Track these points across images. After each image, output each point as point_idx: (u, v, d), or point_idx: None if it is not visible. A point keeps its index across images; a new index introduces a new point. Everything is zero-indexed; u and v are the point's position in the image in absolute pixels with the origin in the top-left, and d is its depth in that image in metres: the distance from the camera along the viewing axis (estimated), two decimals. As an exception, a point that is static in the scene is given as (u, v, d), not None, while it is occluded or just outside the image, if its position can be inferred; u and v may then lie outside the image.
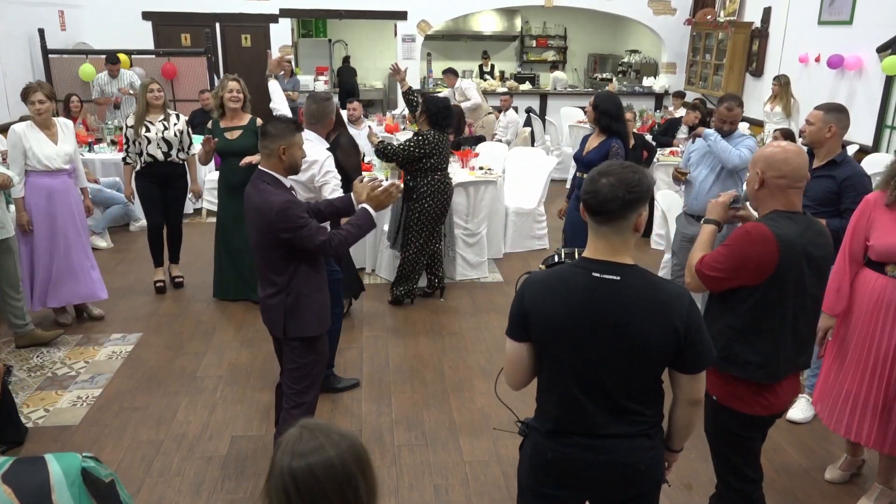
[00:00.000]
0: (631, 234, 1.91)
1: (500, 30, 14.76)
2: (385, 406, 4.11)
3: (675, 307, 1.88)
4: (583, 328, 1.89)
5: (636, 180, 1.86)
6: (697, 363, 1.95)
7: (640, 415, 1.96)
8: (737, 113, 4.46)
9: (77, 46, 9.80)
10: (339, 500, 1.25)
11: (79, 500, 1.27)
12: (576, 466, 2.00)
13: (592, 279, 1.89)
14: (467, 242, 6.13)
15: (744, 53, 10.21)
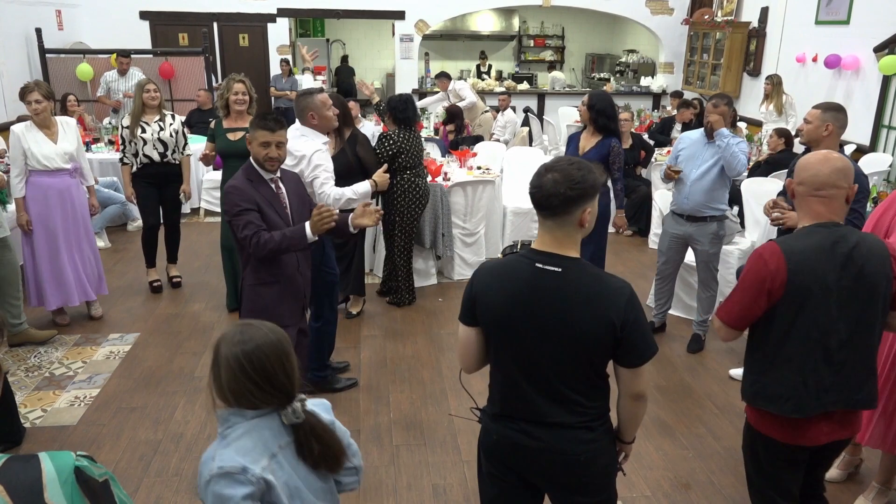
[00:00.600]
0: (575, 229, 1.95)
1: (498, 29, 14.77)
2: (383, 406, 4.11)
3: (612, 301, 1.91)
4: (523, 316, 1.96)
5: (580, 177, 1.89)
6: (634, 357, 1.97)
7: (580, 405, 2.00)
8: (723, 110, 4.43)
9: (74, 46, 9.79)
10: (280, 369, 1.69)
11: (71, 499, 1.26)
12: (518, 451, 2.06)
13: (535, 269, 1.96)
14: (465, 242, 6.13)
15: (741, 53, 10.22)
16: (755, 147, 7.60)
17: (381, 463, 3.57)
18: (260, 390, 1.67)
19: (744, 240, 5.70)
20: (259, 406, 1.70)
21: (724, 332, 2.39)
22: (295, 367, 1.74)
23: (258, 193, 3.08)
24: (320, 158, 3.74)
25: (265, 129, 3.04)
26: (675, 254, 4.78)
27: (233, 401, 1.70)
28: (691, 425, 3.94)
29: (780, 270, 2.18)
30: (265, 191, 3.12)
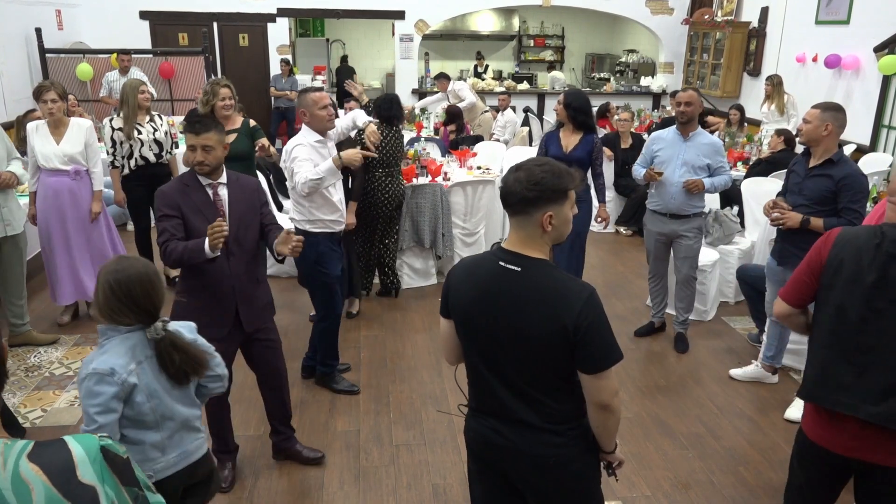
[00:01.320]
0: (537, 230, 1.91)
1: (498, 29, 14.76)
2: (383, 405, 4.11)
3: (567, 303, 1.86)
4: (484, 313, 1.96)
5: (539, 178, 1.86)
6: (591, 363, 1.89)
7: (546, 406, 1.97)
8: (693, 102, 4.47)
9: (74, 46, 9.79)
10: (144, 295, 2.08)
11: (101, 477, 1.30)
12: (491, 449, 2.06)
13: (498, 267, 1.95)
14: (465, 242, 6.13)
15: (741, 53, 10.22)
16: (755, 147, 7.60)
17: (381, 463, 3.57)
18: (127, 309, 2.08)
19: (744, 240, 5.70)
20: (128, 323, 2.10)
21: (778, 307, 2.41)
22: (160, 296, 2.14)
23: (188, 199, 2.95)
24: (297, 151, 3.76)
25: (190, 132, 2.94)
26: (662, 252, 4.79)
27: (108, 317, 2.09)
28: (691, 425, 3.94)
29: (827, 244, 2.25)
30: (198, 197, 2.98)
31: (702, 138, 4.52)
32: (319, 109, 3.77)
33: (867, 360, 2.15)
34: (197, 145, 2.94)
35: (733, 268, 5.30)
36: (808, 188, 3.80)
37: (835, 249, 2.22)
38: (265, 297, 3.25)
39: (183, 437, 2.22)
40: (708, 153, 4.48)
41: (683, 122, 4.49)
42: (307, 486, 3.38)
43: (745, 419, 4.03)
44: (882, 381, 2.13)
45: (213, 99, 4.70)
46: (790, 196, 3.91)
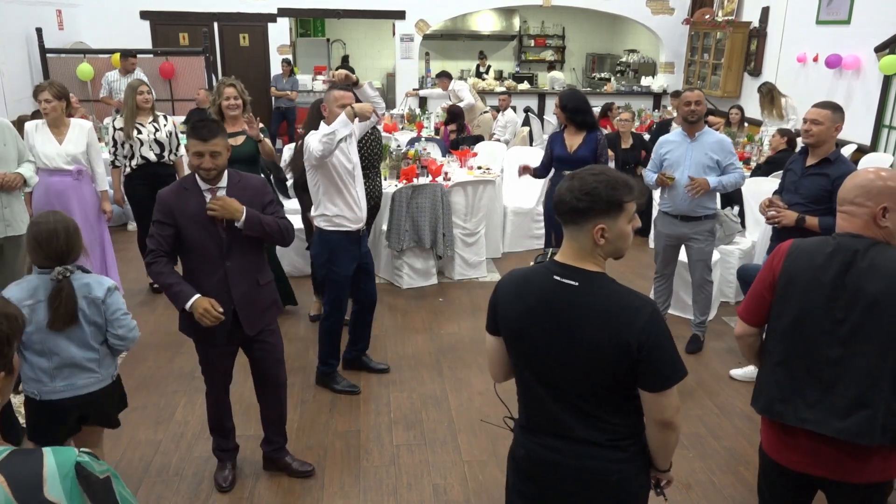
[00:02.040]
0: (589, 243, 1.82)
1: (499, 29, 14.76)
2: (384, 405, 4.11)
3: (630, 320, 1.78)
4: (539, 329, 1.87)
5: (591, 188, 1.77)
6: (655, 381, 1.81)
7: (606, 422, 1.88)
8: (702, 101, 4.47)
9: (75, 46, 9.79)
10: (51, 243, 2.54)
11: (70, 495, 1.26)
12: (545, 468, 1.95)
13: (553, 282, 1.86)
14: (466, 242, 6.13)
15: (742, 53, 10.22)
16: (756, 147, 7.60)
17: (381, 463, 3.57)
18: (37, 253, 2.57)
19: (744, 240, 5.70)
20: (40, 264, 2.58)
21: (738, 327, 2.35)
22: (63, 246, 2.57)
23: (184, 206, 2.90)
24: (310, 136, 3.80)
25: (197, 139, 2.86)
26: (671, 254, 4.76)
27: (30, 258, 2.60)
28: (692, 425, 3.94)
29: (778, 256, 2.21)
30: (195, 202, 2.91)
31: (709, 137, 4.48)
32: (338, 107, 3.76)
33: (834, 373, 2.08)
34: (205, 152, 2.86)
35: (734, 267, 5.30)
36: (804, 187, 3.80)
37: (787, 261, 2.16)
38: (268, 298, 3.18)
39: (73, 372, 2.68)
40: (716, 151, 4.42)
41: (693, 121, 4.44)
42: (307, 486, 3.38)
43: (745, 419, 4.02)
44: (848, 394, 2.05)
45: (219, 99, 4.69)
46: (787, 195, 3.91)
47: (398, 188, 5.64)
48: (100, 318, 2.69)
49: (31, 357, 2.64)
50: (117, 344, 2.74)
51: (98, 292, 2.65)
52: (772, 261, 2.22)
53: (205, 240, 2.94)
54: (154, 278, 2.94)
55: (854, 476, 2.10)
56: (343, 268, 3.99)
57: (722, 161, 4.42)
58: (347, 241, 3.96)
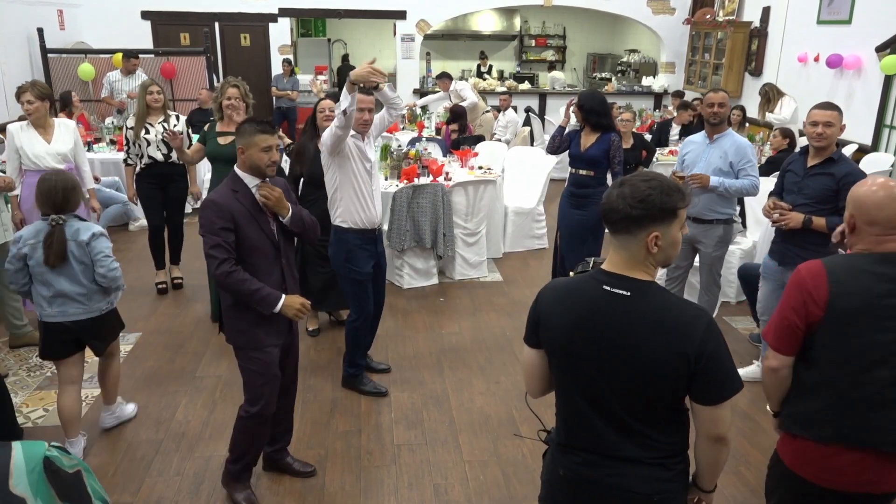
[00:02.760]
0: (642, 251, 1.77)
1: (500, 29, 14.77)
2: (385, 405, 4.11)
3: (687, 330, 1.72)
4: (587, 342, 1.81)
5: (645, 195, 1.71)
6: (711, 393, 1.76)
7: (652, 440, 1.81)
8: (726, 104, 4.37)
9: (76, 46, 9.80)
10: (51, 196, 3.22)
11: (36, 488, 1.26)
12: (585, 487, 1.89)
13: (602, 292, 1.79)
14: (467, 242, 6.13)
15: (743, 53, 10.22)
16: (756, 147, 7.60)
17: (382, 463, 3.57)
18: (41, 203, 3.25)
19: (745, 240, 5.70)
20: (43, 213, 3.26)
21: (774, 360, 2.16)
22: (67, 200, 3.26)
23: (241, 207, 2.88)
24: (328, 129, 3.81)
25: (266, 133, 2.88)
26: (682, 256, 4.67)
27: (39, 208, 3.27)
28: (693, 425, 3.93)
29: (818, 279, 2.05)
30: (249, 203, 2.91)
31: (727, 140, 4.36)
32: (358, 111, 3.79)
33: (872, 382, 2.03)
34: (273, 145, 2.90)
35: (735, 267, 5.29)
36: (808, 187, 3.78)
37: (834, 283, 2.03)
38: None
39: (65, 301, 3.29)
40: (733, 154, 4.31)
41: (715, 123, 4.36)
42: (308, 485, 3.38)
43: (746, 419, 4.02)
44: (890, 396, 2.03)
45: (221, 97, 4.74)
46: (788, 196, 3.89)
47: (399, 188, 5.64)
48: (87, 259, 3.29)
49: (35, 286, 3.30)
50: (102, 281, 3.32)
51: (84, 236, 3.27)
52: (809, 285, 2.08)
53: (263, 239, 2.94)
54: (238, 286, 2.83)
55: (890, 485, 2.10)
56: (363, 265, 3.99)
57: (735, 164, 4.30)
58: (364, 240, 3.97)
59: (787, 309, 2.12)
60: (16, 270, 3.27)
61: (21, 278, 3.29)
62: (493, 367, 4.58)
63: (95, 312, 3.37)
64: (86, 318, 3.34)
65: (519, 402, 2.43)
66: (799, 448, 2.15)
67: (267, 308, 2.91)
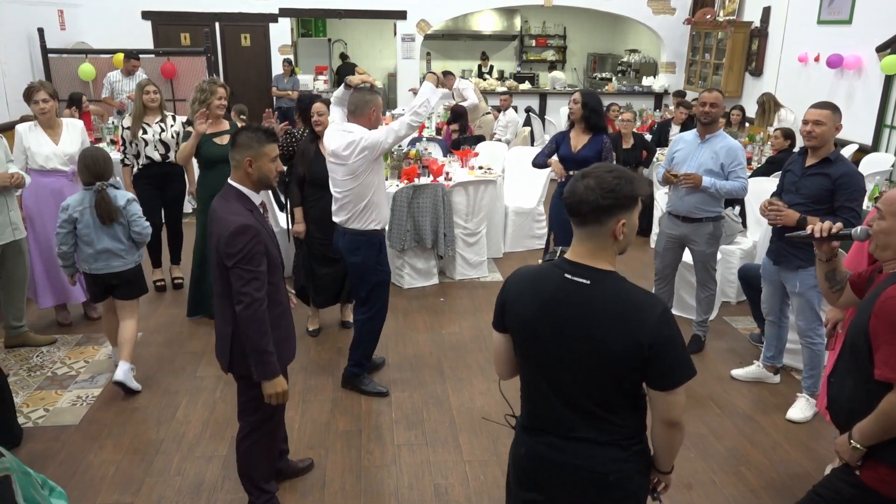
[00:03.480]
0: (609, 240, 1.85)
1: (500, 29, 14.76)
2: (385, 405, 4.11)
3: (641, 319, 1.79)
4: (548, 328, 1.88)
5: (614, 185, 1.79)
6: (665, 380, 1.83)
7: (610, 423, 1.89)
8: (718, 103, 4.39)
9: (76, 46, 9.80)
10: (92, 166, 3.93)
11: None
12: (544, 465, 1.97)
13: (564, 280, 1.87)
14: (467, 242, 6.13)
15: (743, 53, 10.22)
16: (757, 147, 7.59)
17: (382, 462, 3.57)
18: (84, 173, 3.94)
19: (746, 240, 5.70)
20: (87, 182, 3.95)
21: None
22: (106, 170, 3.95)
23: (263, 227, 2.71)
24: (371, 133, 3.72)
25: (274, 142, 2.76)
26: (671, 254, 4.72)
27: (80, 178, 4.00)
28: (693, 425, 3.93)
29: None
30: (262, 221, 2.76)
31: (719, 141, 4.40)
32: (380, 114, 3.85)
33: None
34: (277, 155, 2.76)
35: (735, 267, 5.29)
36: (805, 187, 3.79)
37: None
38: None
39: (109, 256, 4.01)
40: (724, 156, 4.34)
41: (706, 122, 4.39)
42: (309, 485, 3.38)
43: (746, 419, 4.02)
44: None
45: (211, 97, 4.70)
46: (786, 196, 3.90)
47: (399, 188, 5.65)
48: (123, 220, 4.01)
49: (82, 246, 4.00)
50: (137, 238, 4.08)
51: (121, 201, 3.99)
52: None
53: (277, 256, 2.80)
54: (260, 333, 2.64)
55: None
56: (387, 265, 4.08)
57: (726, 166, 4.34)
58: (383, 239, 4.05)
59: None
60: (66, 233, 3.95)
61: (70, 240, 3.97)
62: (493, 366, 4.57)
63: (131, 265, 4.11)
64: (124, 270, 4.08)
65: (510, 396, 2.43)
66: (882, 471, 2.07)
67: (262, 373, 2.70)
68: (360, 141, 3.69)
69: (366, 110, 3.75)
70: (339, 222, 3.92)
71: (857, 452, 2.12)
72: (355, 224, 3.85)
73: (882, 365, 2.01)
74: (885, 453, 2.09)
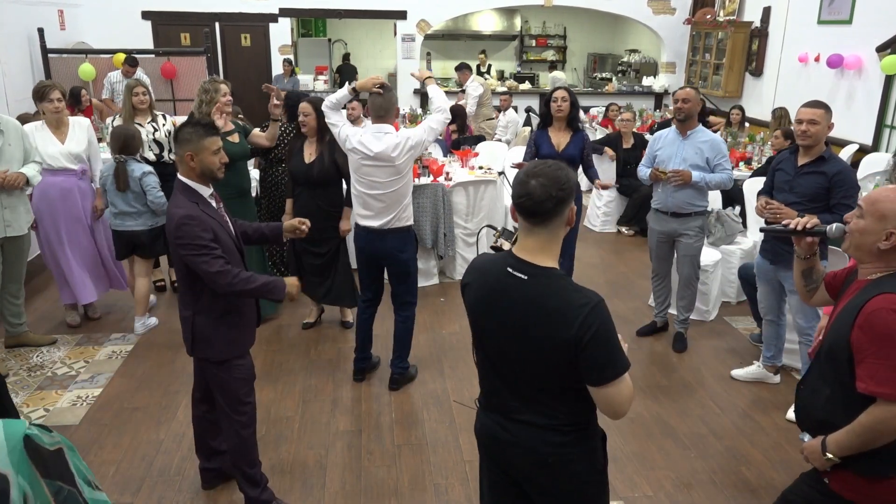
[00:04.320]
0: (560, 231, 1.94)
1: (500, 29, 14.76)
2: (385, 405, 4.11)
3: (570, 315, 1.83)
4: (491, 317, 1.98)
5: (565, 177, 1.87)
6: (594, 376, 1.86)
7: (549, 408, 1.97)
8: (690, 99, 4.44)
9: (76, 46, 9.79)
10: (115, 139, 4.78)
11: (18, 467, 1.27)
12: (495, 443, 2.09)
13: (506, 273, 1.95)
14: (467, 242, 6.13)
15: (743, 53, 10.22)
16: (757, 147, 7.59)
17: (382, 462, 3.57)
18: (112, 146, 4.74)
19: (746, 239, 5.70)
20: (113, 153, 4.73)
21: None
22: (128, 144, 4.72)
23: (211, 218, 2.78)
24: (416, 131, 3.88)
25: (214, 135, 2.80)
26: (664, 251, 4.79)
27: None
28: (693, 425, 3.94)
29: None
30: (211, 211, 2.82)
31: (700, 136, 4.51)
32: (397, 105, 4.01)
33: None
34: (220, 146, 2.82)
35: (735, 267, 5.30)
36: (800, 186, 3.82)
37: None
38: None
39: (125, 217, 4.77)
40: (707, 150, 4.46)
41: (681, 119, 4.50)
42: (309, 485, 3.38)
43: (747, 419, 4.02)
44: None
45: (216, 95, 4.68)
46: (780, 195, 3.92)
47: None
48: (138, 188, 4.68)
49: (110, 205, 4.78)
50: (152, 206, 4.73)
51: (137, 173, 4.68)
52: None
53: (232, 246, 2.86)
54: (244, 286, 2.75)
55: None
56: (415, 257, 4.24)
57: (711, 160, 4.46)
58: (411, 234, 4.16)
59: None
60: (103, 192, 4.83)
61: (105, 197, 4.82)
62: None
63: (144, 226, 4.78)
64: (138, 230, 4.77)
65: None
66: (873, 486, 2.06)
67: (280, 293, 2.87)
68: (406, 141, 3.81)
69: (392, 111, 3.92)
70: (380, 225, 3.92)
71: (830, 462, 2.10)
72: (399, 223, 3.96)
73: (867, 378, 1.98)
74: (854, 462, 2.07)
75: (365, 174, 3.85)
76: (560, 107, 4.91)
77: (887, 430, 1.97)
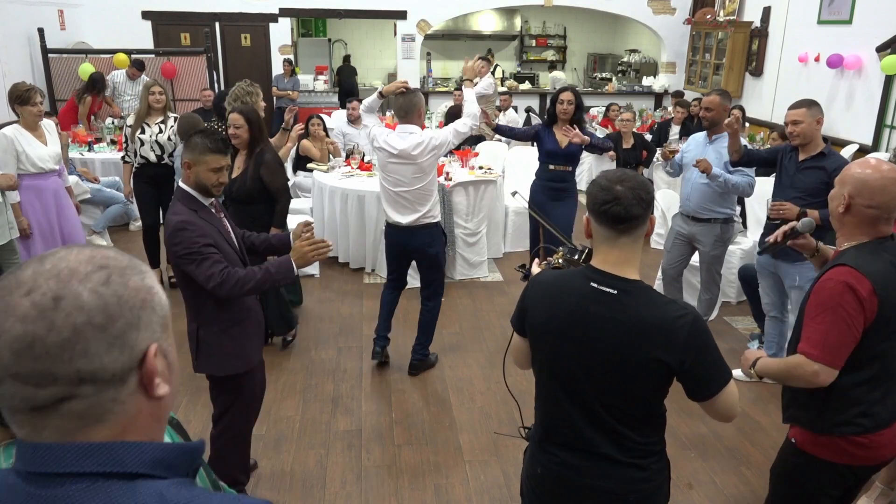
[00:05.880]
0: (640, 242, 1.82)
1: (500, 29, 14.75)
2: (385, 405, 4.11)
3: (669, 335, 1.72)
4: (570, 338, 1.81)
5: (648, 182, 1.80)
6: (703, 391, 1.79)
7: (629, 439, 1.83)
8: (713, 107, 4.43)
9: (77, 46, 9.80)
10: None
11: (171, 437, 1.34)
12: (563, 489, 1.91)
13: (589, 289, 1.79)
14: (467, 242, 6.13)
15: (743, 53, 10.21)
16: (757, 147, 7.59)
17: (382, 462, 3.57)
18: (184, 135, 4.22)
19: (745, 240, 5.69)
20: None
21: (828, 375, 2.09)
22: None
23: (210, 225, 2.71)
24: (439, 132, 4.04)
25: (217, 153, 2.68)
26: (678, 253, 4.73)
27: None
28: (693, 425, 3.93)
29: (864, 292, 2.03)
30: (211, 219, 2.75)
31: (723, 142, 4.40)
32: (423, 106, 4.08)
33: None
34: (223, 166, 2.72)
35: (735, 268, 5.29)
36: (801, 181, 3.87)
37: (882, 295, 2.04)
38: None
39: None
40: (728, 156, 4.35)
41: (706, 126, 4.53)
42: (309, 485, 3.38)
43: (747, 419, 4.02)
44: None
45: (258, 99, 4.77)
46: (783, 190, 3.98)
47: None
48: None
49: None
50: None
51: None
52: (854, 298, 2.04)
53: (233, 255, 2.80)
54: (247, 284, 2.65)
55: None
56: (443, 248, 4.37)
57: (731, 165, 4.39)
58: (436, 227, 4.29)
59: (839, 323, 2.05)
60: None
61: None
62: (494, 366, 4.58)
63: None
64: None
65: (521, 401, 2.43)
66: (851, 443, 2.18)
67: (290, 273, 2.71)
68: (429, 141, 3.95)
69: (415, 111, 3.99)
70: (409, 223, 4.11)
71: (749, 374, 2.32)
72: (426, 219, 4.11)
73: (805, 339, 2.13)
74: (801, 417, 2.26)
75: (390, 171, 4.05)
76: (566, 109, 5.01)
77: (799, 376, 2.13)
